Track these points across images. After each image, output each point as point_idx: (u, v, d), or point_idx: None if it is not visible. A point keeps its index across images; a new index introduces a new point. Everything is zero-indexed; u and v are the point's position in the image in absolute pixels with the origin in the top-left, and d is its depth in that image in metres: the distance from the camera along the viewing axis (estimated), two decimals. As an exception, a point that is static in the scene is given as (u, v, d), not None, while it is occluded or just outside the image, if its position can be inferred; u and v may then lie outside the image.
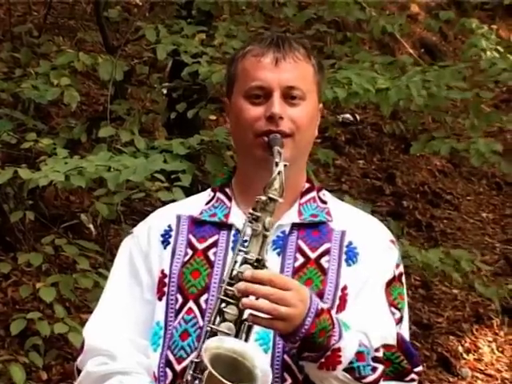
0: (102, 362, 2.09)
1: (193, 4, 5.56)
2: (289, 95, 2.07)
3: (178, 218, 2.16)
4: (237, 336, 1.93)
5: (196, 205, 2.19)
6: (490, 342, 6.53)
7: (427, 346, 5.74)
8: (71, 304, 4.73)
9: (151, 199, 4.83)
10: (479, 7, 9.52)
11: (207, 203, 2.17)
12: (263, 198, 1.95)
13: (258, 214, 1.95)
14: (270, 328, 1.95)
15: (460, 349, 6.36)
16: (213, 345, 1.89)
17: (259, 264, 1.94)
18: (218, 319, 1.91)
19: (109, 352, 2.10)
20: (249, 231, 1.98)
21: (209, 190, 2.23)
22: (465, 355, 6.35)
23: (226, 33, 5.41)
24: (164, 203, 3.15)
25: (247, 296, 1.89)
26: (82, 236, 5.12)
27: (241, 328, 1.93)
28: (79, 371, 2.14)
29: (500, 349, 6.50)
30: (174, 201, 3.36)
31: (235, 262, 1.96)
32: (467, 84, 5.39)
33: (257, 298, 1.90)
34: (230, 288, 1.91)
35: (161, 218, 2.20)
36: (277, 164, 1.96)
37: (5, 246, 5.19)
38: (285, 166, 1.98)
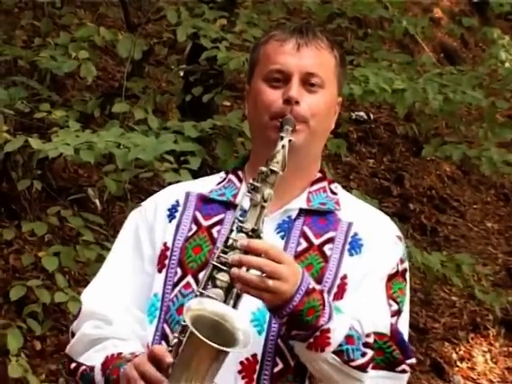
0: (97, 326, 2.11)
1: None
2: (308, 81, 2.09)
3: (187, 194, 2.19)
4: (225, 303, 1.94)
5: (207, 184, 2.21)
6: (484, 351, 6.58)
7: (421, 350, 5.76)
8: (71, 277, 4.75)
9: (159, 179, 4.85)
10: (503, 17, 9.51)
11: (218, 184, 2.19)
12: (264, 169, 1.97)
13: (258, 184, 1.96)
14: (257, 298, 1.96)
15: (454, 356, 6.42)
16: (195, 306, 1.91)
17: (254, 234, 1.95)
18: (209, 285, 1.94)
19: (105, 317, 2.11)
20: (248, 202, 2.00)
21: (222, 172, 2.25)
22: (458, 363, 6.41)
23: (247, 20, 5.45)
24: (171, 184, 3.30)
25: (240, 266, 1.91)
26: (87, 210, 5.12)
27: (230, 295, 1.94)
28: (72, 335, 2.15)
29: (494, 359, 6.55)
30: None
31: (231, 230, 1.99)
32: (484, 92, 5.41)
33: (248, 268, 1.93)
34: (223, 255, 1.93)
35: (170, 194, 2.22)
36: (282, 138, 1.98)
37: (10, 213, 5.21)
38: (289, 141, 2.00)
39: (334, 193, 2.21)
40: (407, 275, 2.17)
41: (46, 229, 4.64)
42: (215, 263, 1.95)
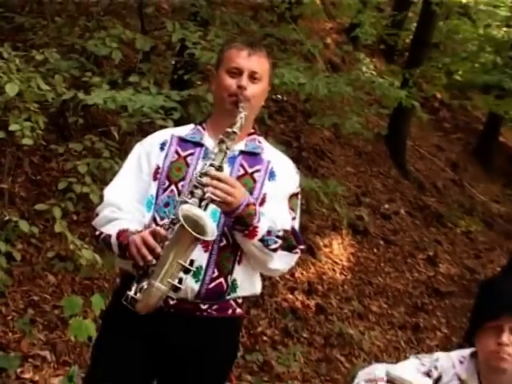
0: (113, 211, 2.43)
1: (198, 13, 6.65)
2: (252, 76, 2.42)
3: (172, 135, 2.50)
4: (199, 207, 2.25)
5: (184, 130, 2.52)
6: (339, 242, 8.04)
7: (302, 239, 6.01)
8: (95, 177, 5.18)
9: (154, 124, 5.08)
10: (366, 46, 10.83)
11: (191, 130, 2.52)
12: (229, 130, 2.30)
13: (225, 139, 2.28)
14: (218, 207, 2.29)
15: (321, 244, 7.78)
16: (186, 208, 2.20)
17: (219, 169, 2.28)
18: (189, 196, 2.26)
19: (119, 205, 2.43)
20: (216, 149, 2.32)
21: (192, 124, 2.57)
22: (323, 248, 7.79)
23: (214, 34, 6.24)
24: (161, 128, 2.98)
25: (211, 186, 2.23)
26: (109, 139, 5.67)
27: (202, 203, 2.26)
28: (97, 215, 2.48)
29: (343, 247, 8.04)
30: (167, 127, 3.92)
31: (205, 164, 2.30)
32: (352, 88, 6.64)
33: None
34: (200, 179, 2.25)
35: (161, 134, 2.54)
36: (240, 112, 2.33)
37: (62, 136, 6.03)
38: (244, 115, 2.34)
39: (260, 142, 2.53)
40: (299, 195, 2.50)
41: (81, 147, 5.40)
42: (195, 183, 2.26)
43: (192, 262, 2.21)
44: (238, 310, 2.45)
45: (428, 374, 2.46)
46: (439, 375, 2.45)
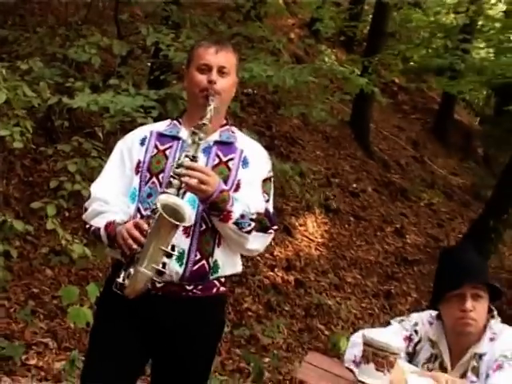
0: (100, 205, 2.43)
1: (169, 17, 6.70)
2: (221, 71, 2.41)
3: (151, 131, 2.49)
4: (177, 196, 2.24)
5: (161, 126, 2.52)
6: (312, 221, 8.15)
7: (279, 220, 5.44)
8: (83, 176, 5.12)
9: (136, 123, 4.93)
10: (327, 39, 10.98)
11: (168, 125, 2.50)
12: (200, 122, 2.30)
13: (197, 131, 2.28)
14: (194, 194, 2.30)
15: (296, 224, 7.90)
16: (164, 197, 2.21)
17: (194, 159, 2.29)
18: (167, 187, 2.27)
19: (105, 200, 2.43)
20: (190, 140, 2.31)
21: (169, 119, 2.56)
22: (298, 227, 7.89)
23: (186, 35, 6.34)
24: (141, 125, 2.90)
25: (186, 176, 2.23)
26: (94, 139, 5.68)
27: (179, 192, 2.26)
28: (86, 210, 2.48)
29: (317, 225, 8.15)
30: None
31: (180, 155, 2.32)
32: (316, 77, 6.62)
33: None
34: (176, 170, 2.26)
35: (141, 131, 2.53)
36: (209, 105, 2.33)
37: (50, 139, 6.05)
38: (214, 107, 2.34)
39: (233, 132, 2.51)
40: (272, 179, 2.50)
41: (69, 148, 5.41)
42: (172, 174, 2.26)
43: (173, 247, 2.22)
44: (222, 289, 2.45)
45: (409, 339, 2.49)
46: (419, 340, 2.49)
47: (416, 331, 2.51)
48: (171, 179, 2.25)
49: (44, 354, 4.33)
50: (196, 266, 2.33)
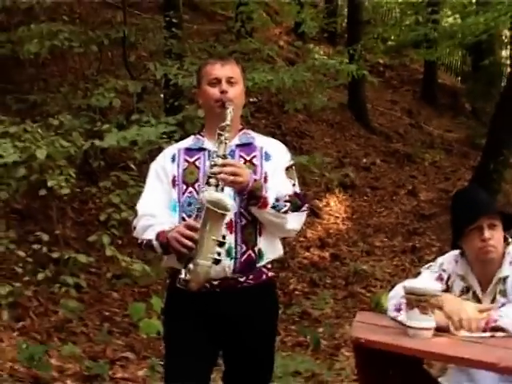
0: (148, 219, 2.38)
1: (171, 50, 6.81)
2: (229, 81, 2.39)
3: (178, 149, 2.46)
4: (216, 192, 2.24)
5: (187, 142, 2.49)
6: (334, 200, 8.41)
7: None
8: (127, 204, 5.23)
9: (162, 149, 4.10)
10: (313, 38, 11.12)
11: (192, 140, 2.48)
12: (223, 124, 2.30)
13: (222, 132, 2.30)
14: (231, 187, 2.27)
15: (321, 205, 8.16)
16: (206, 194, 2.21)
17: (224, 157, 2.29)
18: (206, 186, 2.25)
19: (152, 214, 2.39)
20: (218, 141, 2.30)
21: (192, 135, 2.53)
22: (323, 208, 8.16)
23: (189, 62, 6.47)
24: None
25: (221, 173, 2.22)
26: (129, 171, 5.86)
27: (218, 189, 2.25)
28: (134, 228, 2.41)
29: (338, 204, 8.42)
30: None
31: (212, 156, 2.31)
32: (310, 73, 6.69)
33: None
34: (211, 170, 2.26)
35: (170, 150, 2.50)
36: (227, 108, 2.33)
37: (90, 179, 6.20)
38: (232, 109, 2.32)
39: (250, 134, 2.48)
40: (294, 167, 2.49)
41: (110, 183, 5.57)
42: (208, 174, 2.26)
43: (224, 236, 2.20)
44: (270, 274, 2.42)
45: (440, 278, 2.48)
46: (448, 276, 2.49)
47: (444, 270, 2.50)
48: (209, 179, 2.24)
49: (127, 367, 4.34)
50: (244, 257, 2.30)
